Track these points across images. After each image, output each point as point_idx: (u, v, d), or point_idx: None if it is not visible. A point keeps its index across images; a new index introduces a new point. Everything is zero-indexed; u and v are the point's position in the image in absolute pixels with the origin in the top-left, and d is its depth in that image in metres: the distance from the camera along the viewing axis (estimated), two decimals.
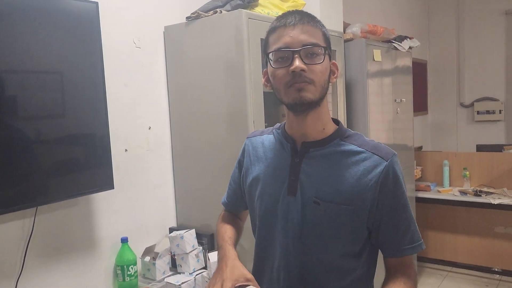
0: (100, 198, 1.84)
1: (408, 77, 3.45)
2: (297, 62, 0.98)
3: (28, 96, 1.48)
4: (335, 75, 1.10)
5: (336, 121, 1.12)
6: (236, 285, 1.01)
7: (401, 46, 3.10)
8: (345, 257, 1.06)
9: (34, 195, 1.51)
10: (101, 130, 1.69)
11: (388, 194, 1.02)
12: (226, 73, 1.96)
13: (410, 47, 3.26)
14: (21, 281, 1.57)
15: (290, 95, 1.01)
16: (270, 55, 1.04)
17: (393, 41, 3.08)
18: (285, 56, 1.01)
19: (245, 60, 1.89)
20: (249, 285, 1.02)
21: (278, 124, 1.22)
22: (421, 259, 3.87)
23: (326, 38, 1.05)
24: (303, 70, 0.98)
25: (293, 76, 0.99)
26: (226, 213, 1.37)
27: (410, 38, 3.26)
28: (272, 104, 2.33)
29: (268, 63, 1.06)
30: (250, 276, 1.04)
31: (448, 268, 3.85)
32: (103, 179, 1.71)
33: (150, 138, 2.08)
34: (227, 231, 1.24)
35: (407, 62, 3.39)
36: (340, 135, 1.08)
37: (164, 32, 2.14)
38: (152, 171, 2.09)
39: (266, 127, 2.02)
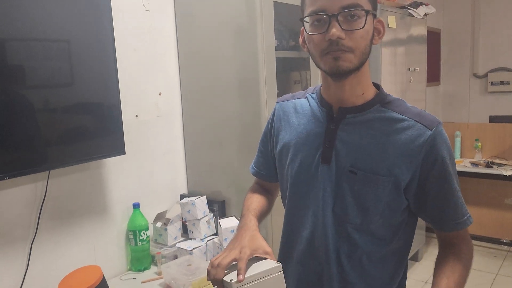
0: (111, 164, 1.84)
1: (423, 46, 3.36)
2: (334, 29, 0.89)
3: (38, 64, 1.45)
4: (380, 35, 1.00)
5: (376, 86, 1.05)
6: (254, 255, 0.96)
7: (416, 12, 3.01)
8: (381, 229, 1.01)
9: (46, 160, 1.51)
10: (112, 97, 1.68)
11: (434, 166, 0.95)
12: (238, 37, 1.91)
13: (425, 14, 3.16)
14: (35, 243, 1.59)
15: (326, 63, 0.94)
16: (306, 19, 0.95)
17: (408, 7, 2.98)
18: (322, 19, 0.92)
19: (257, 24, 1.84)
20: (267, 259, 0.97)
21: (311, 88, 1.15)
22: (430, 229, 3.88)
23: None
24: (340, 37, 0.90)
25: (330, 43, 0.91)
26: (255, 186, 1.30)
27: (425, 5, 3.16)
28: (284, 70, 2.29)
29: (304, 27, 0.97)
30: (269, 249, 0.99)
31: None
32: (114, 145, 1.70)
33: (161, 104, 2.06)
34: (253, 202, 1.18)
35: (421, 30, 3.30)
36: (380, 100, 1.01)
37: None
38: (163, 137, 2.08)
39: (278, 94, 1.98)
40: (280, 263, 0.95)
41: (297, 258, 1.10)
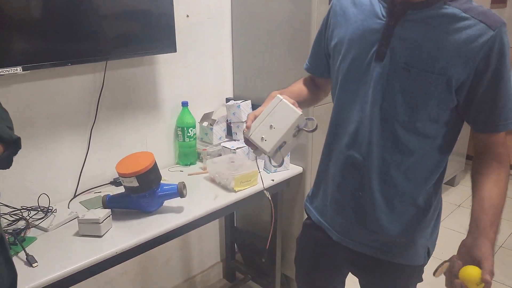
0: (163, 61, 1.90)
1: None
2: None
3: None
4: None
5: None
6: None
7: None
8: (427, 126, 1.02)
9: (104, 51, 1.59)
10: None
11: (489, 67, 0.95)
12: None
13: None
14: (94, 129, 1.73)
15: None
16: None
17: None
18: None
19: None
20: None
21: None
22: (470, 157, 3.84)
23: None
24: None
25: None
26: (307, 78, 1.31)
27: None
28: None
29: None
30: (274, 93, 1.09)
31: None
32: (166, 42, 1.76)
33: (211, 6, 2.05)
34: (293, 86, 1.24)
35: None
36: None
37: None
38: (212, 40, 2.11)
39: None
40: (279, 96, 1.04)
41: (339, 150, 1.15)
